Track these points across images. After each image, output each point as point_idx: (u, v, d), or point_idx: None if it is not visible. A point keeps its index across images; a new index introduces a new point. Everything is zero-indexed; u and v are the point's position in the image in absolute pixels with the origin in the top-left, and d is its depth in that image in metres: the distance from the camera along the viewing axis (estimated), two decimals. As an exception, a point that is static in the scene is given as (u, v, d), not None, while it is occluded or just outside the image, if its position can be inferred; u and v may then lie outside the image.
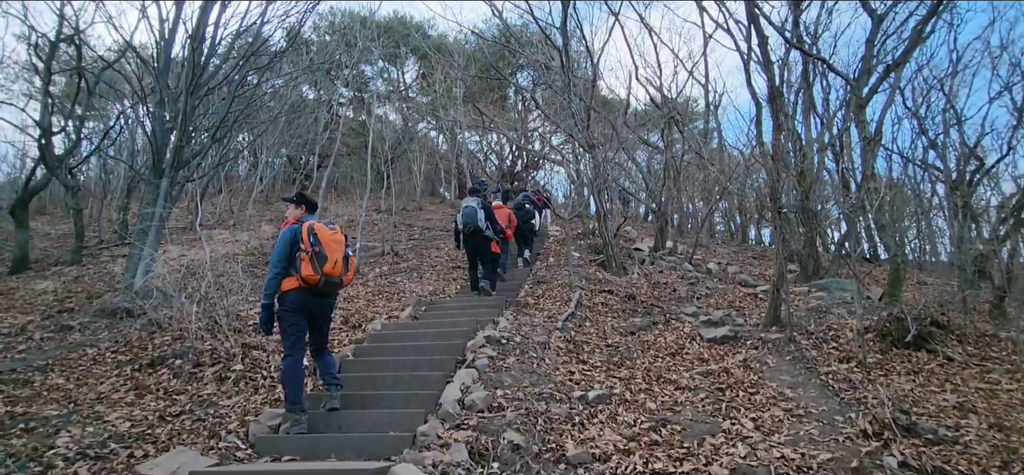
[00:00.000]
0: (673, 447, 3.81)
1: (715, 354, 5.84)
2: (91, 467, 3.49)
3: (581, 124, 10.55)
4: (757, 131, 11.22)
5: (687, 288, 8.62)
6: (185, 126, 8.61)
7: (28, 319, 7.15)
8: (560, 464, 3.58)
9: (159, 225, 8.25)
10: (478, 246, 7.37)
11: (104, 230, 14.08)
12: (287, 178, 20.87)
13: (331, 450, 3.74)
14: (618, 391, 4.78)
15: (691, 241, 12.06)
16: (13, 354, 5.95)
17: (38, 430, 4.06)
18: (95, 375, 5.23)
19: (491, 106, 19.42)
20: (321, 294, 4.13)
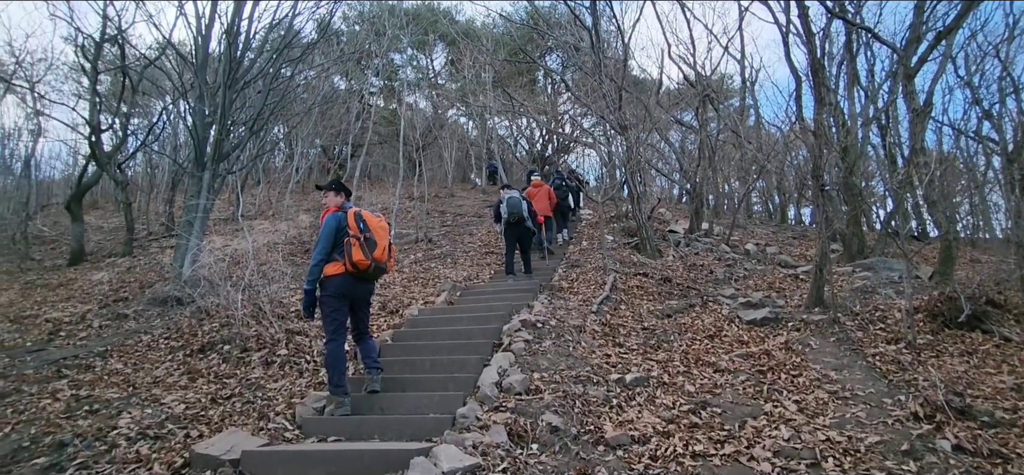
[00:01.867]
0: (713, 429, 3.76)
1: (755, 336, 5.73)
2: (151, 446, 3.68)
3: (612, 105, 10.40)
4: (797, 107, 10.86)
5: (724, 270, 8.45)
6: (224, 120, 8.86)
7: (87, 308, 7.55)
8: (599, 446, 3.59)
9: (203, 216, 8.55)
10: (521, 234, 7.89)
11: (152, 223, 14.70)
12: (322, 168, 21.29)
13: (374, 431, 3.85)
14: (656, 374, 4.75)
15: (728, 222, 11.80)
16: (75, 341, 6.30)
17: (102, 412, 4.30)
18: (151, 360, 5.49)
19: (520, 90, 19.32)
20: (366, 279, 4.22)
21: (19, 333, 6.76)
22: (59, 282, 9.59)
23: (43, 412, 4.36)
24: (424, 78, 23.08)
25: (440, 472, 3.03)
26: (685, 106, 14.95)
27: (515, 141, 22.36)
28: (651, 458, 3.40)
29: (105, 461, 3.51)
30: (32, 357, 5.75)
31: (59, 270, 10.73)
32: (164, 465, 3.42)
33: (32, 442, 3.81)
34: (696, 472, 3.24)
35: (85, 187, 12.87)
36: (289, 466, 3.34)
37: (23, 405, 4.53)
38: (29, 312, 7.66)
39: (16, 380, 5.08)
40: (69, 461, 3.51)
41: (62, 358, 5.58)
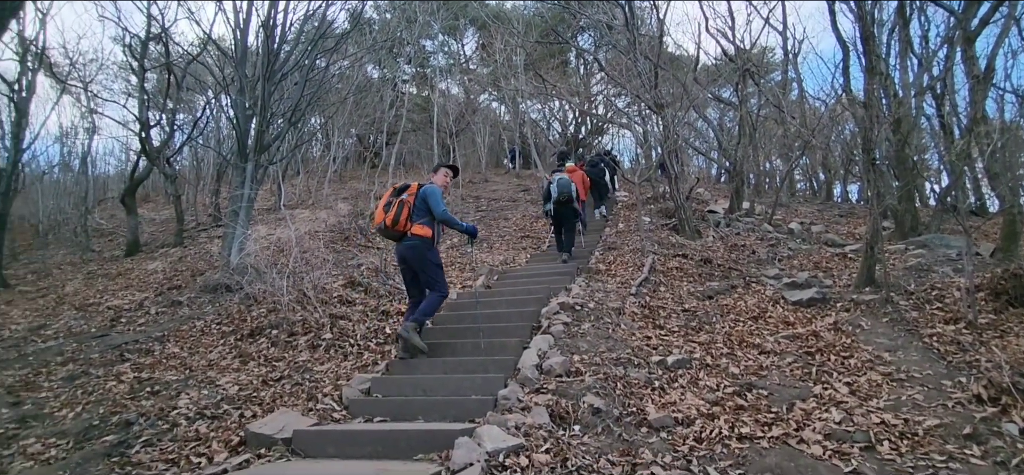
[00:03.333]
0: (760, 412, 3.69)
1: (801, 317, 5.56)
2: (209, 425, 3.86)
3: (648, 84, 10.18)
4: (844, 78, 10.37)
5: (767, 250, 8.22)
6: (264, 112, 9.10)
7: (144, 296, 7.94)
8: (642, 428, 3.57)
9: (248, 206, 8.84)
10: (565, 215, 7.93)
11: (200, 214, 15.29)
12: (358, 157, 21.65)
13: (418, 412, 3.93)
14: (698, 356, 4.67)
15: (770, 201, 11.44)
16: (135, 327, 6.65)
17: (162, 393, 4.53)
18: (204, 345, 5.74)
19: (552, 72, 19.09)
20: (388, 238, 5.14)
21: (84, 320, 7.18)
22: (118, 272, 10.11)
23: (109, 393, 4.62)
24: (455, 64, 23.10)
25: (484, 452, 3.06)
26: (723, 82, 14.48)
27: (548, 124, 22.18)
28: (696, 440, 3.36)
29: (168, 439, 3.71)
30: (97, 342, 6.10)
31: (117, 260, 11.31)
32: (222, 443, 3.59)
33: (101, 421, 4.05)
34: (743, 454, 3.19)
35: (137, 181, 13.48)
36: (339, 445, 3.44)
37: (91, 386, 4.82)
38: (92, 300, 8.11)
39: (84, 364, 5.40)
40: (135, 438, 3.72)
41: (124, 343, 5.89)
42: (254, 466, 3.26)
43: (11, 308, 8.51)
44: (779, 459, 3.11)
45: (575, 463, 3.02)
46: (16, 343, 6.49)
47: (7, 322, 7.69)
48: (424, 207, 4.75)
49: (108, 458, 3.51)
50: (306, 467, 3.20)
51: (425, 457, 3.19)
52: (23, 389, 4.94)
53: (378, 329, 5.76)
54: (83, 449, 3.68)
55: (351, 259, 8.55)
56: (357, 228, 10.76)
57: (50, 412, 4.38)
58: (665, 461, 3.11)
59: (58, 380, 5.08)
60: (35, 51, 12.10)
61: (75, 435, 3.88)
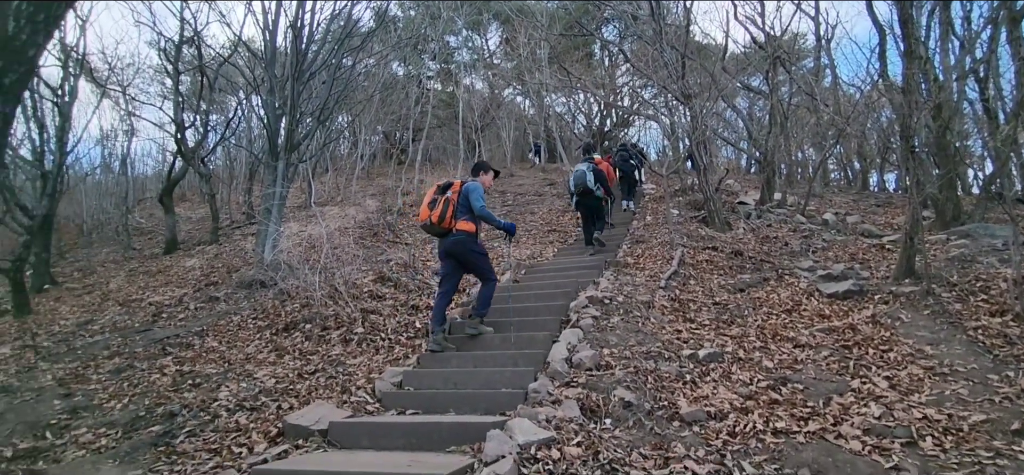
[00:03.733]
0: (796, 406, 3.62)
1: (837, 310, 5.43)
2: (249, 416, 3.99)
3: (675, 74, 10.02)
4: (880, 63, 10.05)
5: (801, 241, 8.03)
6: (293, 111, 9.28)
7: (183, 292, 8.21)
8: (674, 421, 3.54)
9: (280, 204, 9.04)
10: (590, 205, 8.02)
11: (233, 212, 15.71)
12: (384, 154, 21.91)
13: (449, 405, 3.98)
14: (730, 349, 4.61)
15: (802, 191, 11.16)
16: (175, 322, 6.89)
17: (203, 385, 4.69)
18: (241, 339, 5.92)
19: (577, 65, 18.97)
20: (433, 236, 5.33)
21: (128, 315, 7.47)
22: (157, 269, 10.47)
23: (154, 385, 4.81)
24: (479, 59, 23.14)
25: (516, 444, 3.08)
26: (753, 70, 14.16)
27: (573, 117, 22.05)
28: (730, 434, 3.32)
29: (210, 429, 3.84)
30: (140, 337, 6.34)
31: (156, 258, 11.72)
32: (261, 434, 3.70)
33: (147, 412, 4.22)
34: (779, 449, 3.14)
35: (174, 181, 13.92)
36: (373, 436, 3.52)
37: (137, 379, 5.02)
38: (135, 296, 8.43)
39: (129, 357, 5.63)
40: (179, 429, 3.87)
41: (165, 337, 6.12)
42: (293, 456, 3.35)
43: (60, 304, 8.91)
44: (816, 454, 3.06)
45: (607, 456, 3.02)
46: (65, 338, 6.80)
47: (56, 318, 8.06)
48: (467, 204, 4.97)
49: (155, 447, 3.66)
50: (343, 458, 3.27)
51: (457, 449, 3.23)
52: (73, 381, 5.18)
53: (408, 323, 5.84)
54: (131, 439, 3.84)
55: (380, 255, 8.67)
56: (385, 224, 10.91)
57: (99, 403, 4.58)
58: (698, 455, 3.09)
59: (106, 373, 5.31)
60: (76, 57, 12.58)
61: (123, 425, 4.06)
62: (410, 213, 13.00)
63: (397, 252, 8.80)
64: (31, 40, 3.08)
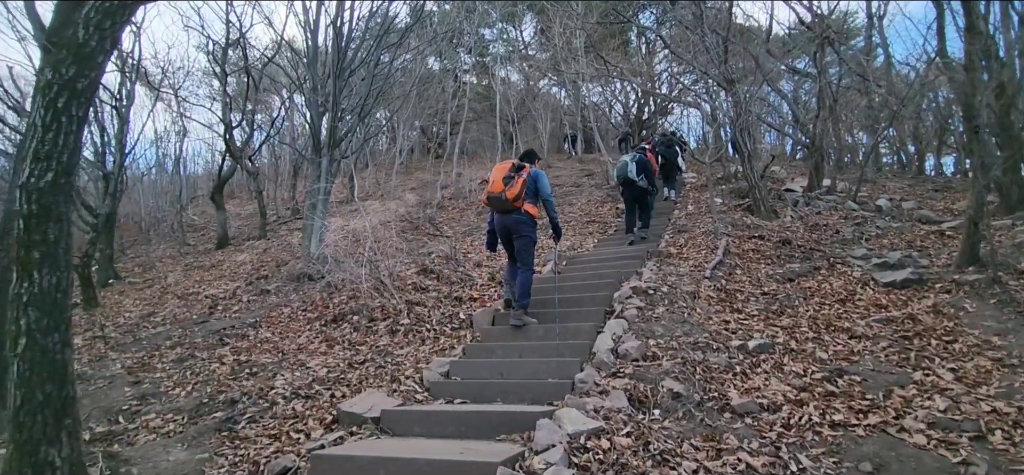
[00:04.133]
0: (854, 398, 3.51)
1: (895, 300, 5.21)
2: (304, 404, 4.15)
3: (717, 59, 9.76)
4: (938, 40, 9.49)
5: (853, 229, 7.73)
6: (335, 108, 9.51)
7: (236, 285, 8.56)
8: (724, 413, 3.49)
9: (325, 199, 9.30)
10: (633, 195, 8.01)
11: (279, 208, 16.24)
12: (422, 148, 22.18)
13: (496, 395, 4.03)
14: (781, 340, 4.50)
15: (853, 177, 10.72)
16: (230, 314, 7.19)
17: (260, 374, 4.90)
18: (293, 330, 6.14)
19: (613, 53, 18.67)
20: (497, 211, 5.30)
21: (186, 308, 7.85)
22: (211, 263, 10.95)
23: (214, 374, 5.05)
24: (514, 51, 23.08)
25: (565, 434, 3.10)
26: (799, 52, 13.64)
27: (609, 106, 21.77)
28: (784, 427, 3.25)
29: (268, 416, 4.01)
30: (199, 328, 6.66)
31: (209, 253, 12.24)
32: (317, 420, 3.84)
33: (209, 399, 4.45)
34: (837, 442, 3.06)
35: (224, 179, 14.49)
36: (424, 424, 3.60)
37: (198, 368, 5.28)
38: (192, 290, 8.84)
39: (190, 347, 5.92)
40: (240, 415, 4.06)
41: (222, 328, 6.40)
42: (348, 442, 3.47)
43: (123, 298, 9.43)
44: (878, 448, 2.97)
45: (657, 447, 3.00)
46: (131, 329, 7.20)
47: (121, 310, 8.54)
48: (534, 189, 5.15)
49: (219, 433, 3.85)
50: (396, 444, 3.37)
51: (507, 438, 3.27)
52: (141, 370, 5.49)
53: (452, 315, 5.93)
54: (197, 424, 4.05)
55: (422, 247, 8.82)
56: (426, 218, 11.07)
57: (165, 390, 4.85)
58: (752, 447, 3.04)
59: (169, 362, 5.61)
60: (132, 63, 13.21)
61: (189, 411, 4.28)
62: (449, 206, 13.15)
63: (438, 245, 8.92)
64: (99, 46, 3.27)
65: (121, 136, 12.47)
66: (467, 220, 11.70)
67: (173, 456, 3.53)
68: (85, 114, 3.36)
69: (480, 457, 2.85)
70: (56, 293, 2.96)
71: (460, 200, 13.73)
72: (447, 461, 2.87)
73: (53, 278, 2.95)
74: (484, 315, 5.64)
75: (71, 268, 3.16)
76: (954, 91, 11.02)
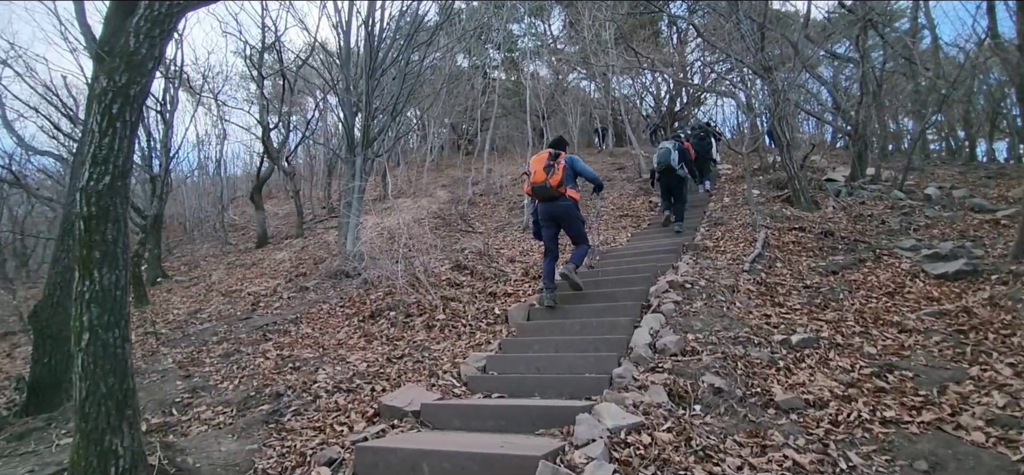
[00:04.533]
0: (905, 394, 3.39)
1: (948, 292, 5.00)
2: (346, 398, 4.24)
3: (753, 47, 9.51)
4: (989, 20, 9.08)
5: (900, 219, 7.44)
6: (368, 107, 9.66)
7: (276, 282, 8.81)
8: (768, 409, 3.42)
9: (359, 197, 9.47)
10: (671, 183, 8.14)
11: (315, 207, 16.63)
12: (453, 145, 22.33)
13: (533, 389, 4.05)
14: (826, 334, 4.37)
15: (899, 165, 10.30)
16: (272, 310, 7.41)
17: (302, 369, 5.03)
18: (332, 326, 6.28)
19: (644, 44, 18.39)
20: (542, 200, 5.51)
21: (230, 304, 8.12)
22: (252, 262, 11.29)
23: (259, 368, 5.22)
24: (543, 45, 22.98)
25: (605, 429, 3.09)
26: (840, 36, 13.17)
27: (640, 98, 21.48)
28: (832, 423, 3.16)
29: (313, 409, 4.12)
30: (243, 324, 6.88)
31: (249, 252, 12.63)
32: (359, 414, 3.93)
33: (256, 392, 4.60)
34: (889, 440, 2.96)
35: (263, 179, 14.91)
36: (464, 418, 3.64)
37: (244, 362, 5.46)
38: (235, 287, 9.14)
39: (235, 342, 6.13)
40: (286, 408, 4.18)
41: (265, 324, 6.60)
42: (390, 435, 3.54)
43: (171, 295, 9.82)
44: (933, 445, 2.86)
45: (700, 443, 2.96)
46: (180, 325, 7.50)
47: (169, 307, 8.90)
48: (572, 174, 5.41)
49: (266, 424, 3.98)
50: (437, 437, 3.42)
51: (546, 432, 3.28)
52: (190, 364, 5.71)
53: (487, 310, 5.97)
54: (245, 416, 4.19)
55: (455, 243, 8.90)
56: (458, 214, 11.16)
57: (214, 384, 5.03)
58: (798, 444, 2.97)
59: (217, 357, 5.82)
60: (175, 69, 13.70)
61: (237, 404, 4.44)
62: (480, 202, 13.22)
63: (471, 241, 8.99)
64: (149, 53, 3.40)
65: (166, 140, 12.97)
66: (498, 216, 11.75)
67: (224, 447, 3.67)
68: (138, 119, 3.51)
69: (521, 451, 2.87)
70: (115, 291, 3.10)
71: (491, 196, 13.78)
72: (488, 454, 2.90)
73: (112, 276, 3.09)
74: (519, 310, 5.65)
75: (129, 267, 3.30)
76: (1007, 73, 10.48)
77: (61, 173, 14.53)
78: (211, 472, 3.33)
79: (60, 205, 10.42)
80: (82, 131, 6.75)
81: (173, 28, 3.78)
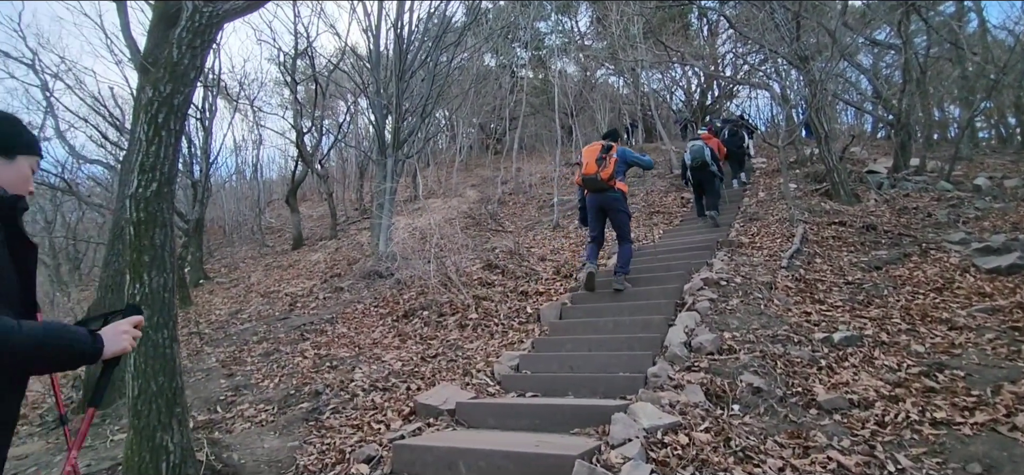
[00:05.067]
0: (957, 394, 3.25)
1: (1001, 287, 4.77)
2: (383, 396, 4.32)
3: (788, 36, 9.25)
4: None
5: (947, 211, 7.13)
6: (398, 109, 9.79)
7: (312, 283, 9.02)
8: (810, 409, 3.33)
9: (391, 198, 9.60)
10: (703, 179, 8.16)
11: (347, 209, 16.94)
12: (482, 145, 22.42)
13: (567, 388, 4.04)
14: (870, 332, 4.23)
15: (946, 155, 9.87)
16: (308, 310, 7.59)
17: (339, 368, 5.15)
18: (367, 325, 6.40)
19: (673, 37, 18.09)
20: (591, 191, 5.68)
21: (268, 305, 8.35)
22: (288, 263, 11.58)
23: (298, 367, 5.35)
24: (570, 42, 22.84)
25: (641, 428, 3.06)
26: (880, 22, 12.68)
27: (670, 93, 21.14)
28: (878, 424, 3.06)
29: (350, 407, 4.21)
30: (281, 324, 7.07)
31: (286, 254, 12.95)
32: (395, 412, 3.99)
33: (296, 390, 4.72)
34: (940, 441, 2.85)
35: (297, 183, 15.26)
36: (498, 417, 3.67)
37: (283, 361, 5.61)
38: (273, 288, 9.40)
39: (275, 342, 6.30)
40: (325, 406, 4.28)
41: (302, 324, 6.77)
42: (426, 433, 3.59)
43: (213, 297, 10.16)
44: (987, 448, 2.74)
45: (739, 443, 2.91)
46: (222, 325, 7.75)
47: (211, 308, 9.20)
48: (623, 167, 5.58)
49: (306, 422, 4.09)
50: (473, 436, 3.45)
51: (581, 431, 3.28)
52: (233, 363, 5.91)
53: (519, 308, 5.98)
54: (286, 414, 4.31)
55: (486, 243, 8.93)
56: (488, 213, 11.20)
57: (256, 383, 5.19)
58: (843, 445, 2.88)
59: (257, 356, 5.99)
60: (213, 78, 14.15)
61: (278, 402, 4.57)
62: (510, 202, 13.25)
63: (501, 240, 9.01)
64: (191, 63, 3.52)
65: (206, 146, 13.42)
66: (528, 215, 11.75)
67: (267, 443, 3.78)
68: (182, 127, 3.65)
69: (556, 450, 2.87)
70: (164, 293, 3.23)
71: (520, 195, 13.80)
72: (524, 453, 2.91)
73: (161, 279, 3.22)
74: (551, 309, 5.65)
75: (176, 269, 3.44)
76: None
77: (110, 180, 15.21)
78: (255, 468, 3.44)
79: (110, 211, 10.91)
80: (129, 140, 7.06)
81: (213, 38, 3.91)
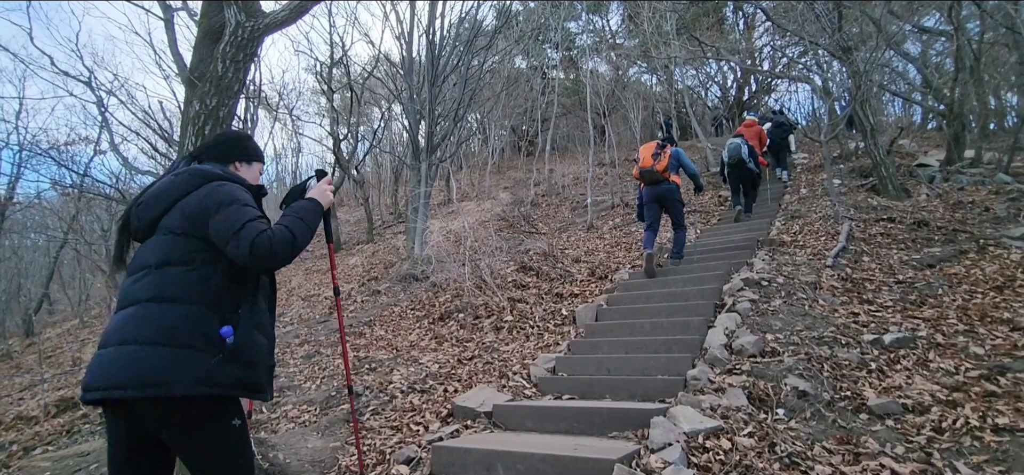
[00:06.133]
0: (1021, 399, 3.07)
1: (1069, 285, 4.48)
2: (421, 398, 4.38)
3: (829, 26, 8.93)
4: (1115, -25, 8.02)
5: (1006, 205, 6.75)
6: (431, 114, 9.91)
7: (350, 287, 9.21)
8: (860, 413, 3.20)
9: (426, 202, 9.73)
10: (742, 176, 8.34)
11: (383, 213, 17.25)
12: (514, 147, 22.47)
13: (604, 391, 4.00)
14: (924, 333, 4.04)
15: (1004, 146, 9.35)
16: (347, 314, 7.75)
17: (378, 369, 5.24)
18: (404, 328, 6.49)
19: (707, 32, 17.74)
20: (648, 183, 6.20)
21: (309, 308, 8.57)
22: (327, 267, 11.85)
23: (338, 369, 5.47)
24: (602, 41, 22.67)
25: (681, 433, 3.01)
26: (929, 8, 12.11)
27: (705, 89, 20.73)
28: (935, 430, 2.92)
29: (389, 409, 4.28)
30: (321, 326, 7.24)
31: (324, 258, 13.26)
32: (433, 414, 4.04)
33: (336, 392, 4.82)
34: (1003, 449, 2.70)
35: (335, 188, 15.64)
36: (536, 419, 3.66)
37: (324, 363, 5.75)
38: (313, 292, 9.64)
39: (315, 345, 6.46)
40: (365, 407, 4.37)
41: (347, 326, 6.90)
42: (464, 435, 3.61)
43: (256, 300, 10.48)
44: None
45: (785, 449, 2.82)
46: (265, 328, 7.98)
47: (255, 312, 9.49)
48: (676, 164, 6.14)
49: (346, 423, 4.17)
50: (510, 438, 3.45)
51: (620, 435, 3.24)
52: (277, 365, 6.08)
53: (554, 311, 5.97)
54: (327, 415, 4.42)
55: (519, 245, 8.94)
56: (521, 215, 11.22)
57: (298, 384, 5.33)
58: (897, 452, 2.76)
59: (299, 358, 6.16)
60: (254, 89, 14.64)
61: (320, 403, 4.68)
62: (543, 203, 13.23)
63: (535, 242, 9.01)
64: (235, 76, 3.65)
65: (248, 156, 13.87)
66: (562, 216, 11.70)
67: (310, 443, 3.88)
68: (226, 139, 3.80)
69: (595, 454, 2.84)
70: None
71: (553, 196, 13.75)
72: (562, 456, 2.89)
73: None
74: (587, 311, 5.61)
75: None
76: None
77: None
78: (300, 468, 3.53)
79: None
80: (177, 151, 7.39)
81: (255, 52, 4.04)
